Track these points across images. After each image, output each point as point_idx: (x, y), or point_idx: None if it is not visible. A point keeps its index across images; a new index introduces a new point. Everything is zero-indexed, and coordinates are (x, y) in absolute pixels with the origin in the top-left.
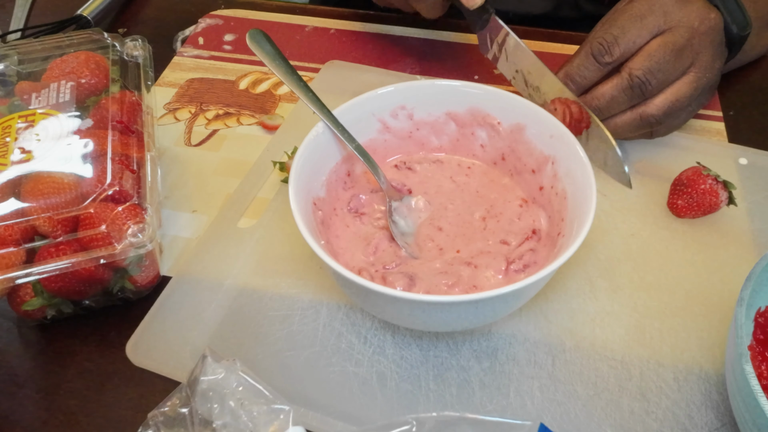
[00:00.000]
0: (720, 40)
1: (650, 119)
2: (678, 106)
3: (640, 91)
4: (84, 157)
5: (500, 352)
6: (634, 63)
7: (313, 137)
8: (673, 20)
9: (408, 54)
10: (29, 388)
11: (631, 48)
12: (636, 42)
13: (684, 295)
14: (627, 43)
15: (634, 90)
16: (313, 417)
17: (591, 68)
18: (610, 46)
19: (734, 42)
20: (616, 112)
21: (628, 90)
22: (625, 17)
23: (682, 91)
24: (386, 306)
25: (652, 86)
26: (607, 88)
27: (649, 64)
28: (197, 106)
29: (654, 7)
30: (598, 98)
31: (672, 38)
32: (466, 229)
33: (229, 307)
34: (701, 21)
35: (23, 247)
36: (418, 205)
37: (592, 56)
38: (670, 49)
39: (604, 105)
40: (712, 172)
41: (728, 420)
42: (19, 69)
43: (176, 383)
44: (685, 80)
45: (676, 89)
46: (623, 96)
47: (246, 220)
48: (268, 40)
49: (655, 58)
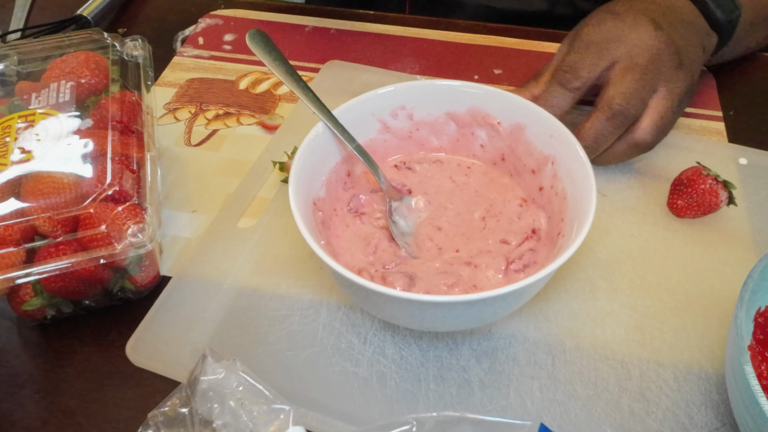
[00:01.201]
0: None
1: (642, 144)
2: (665, 122)
3: (623, 117)
4: (84, 157)
5: (500, 352)
6: (608, 94)
7: (313, 137)
8: (627, 44)
9: (408, 54)
10: (29, 388)
11: (594, 70)
12: (598, 65)
13: (684, 295)
14: (590, 66)
15: (617, 118)
16: (313, 417)
17: (560, 95)
18: (573, 72)
19: (722, 27)
20: (606, 145)
21: (611, 120)
22: (584, 43)
23: (662, 107)
24: (386, 306)
25: (633, 110)
26: (590, 124)
27: (622, 90)
28: (197, 106)
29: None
30: (585, 136)
31: (632, 62)
32: (466, 228)
33: (229, 307)
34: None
35: (23, 247)
36: (418, 205)
37: (560, 86)
38: (636, 72)
39: (592, 141)
40: (712, 172)
41: (728, 420)
42: (19, 69)
43: (176, 383)
44: (660, 96)
45: (655, 107)
46: (608, 127)
47: (246, 220)
48: (268, 40)
49: (625, 84)
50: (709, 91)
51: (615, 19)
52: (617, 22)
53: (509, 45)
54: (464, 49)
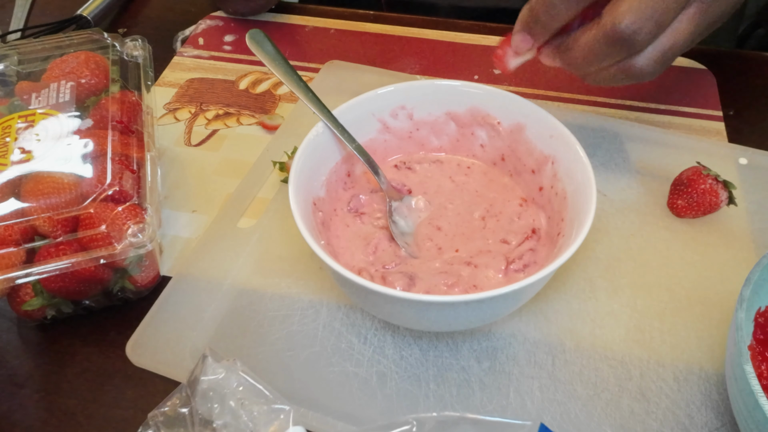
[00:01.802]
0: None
1: (640, 74)
2: (674, 53)
3: (627, 45)
4: (84, 157)
5: (500, 352)
6: (618, 10)
7: (313, 137)
8: None
9: (408, 54)
10: (29, 388)
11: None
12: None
13: (684, 295)
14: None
15: (620, 45)
16: (313, 417)
17: (562, 5)
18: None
19: None
20: (597, 68)
21: (612, 45)
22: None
23: (680, 34)
24: (386, 306)
25: (642, 38)
26: (585, 40)
27: (637, 12)
28: (197, 106)
29: None
30: (573, 53)
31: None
32: (466, 228)
33: (229, 307)
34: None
35: (23, 247)
36: (418, 205)
37: None
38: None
39: (580, 59)
40: (712, 172)
41: (728, 420)
42: (19, 69)
43: (176, 383)
44: (685, 18)
45: (672, 33)
46: (605, 50)
47: (246, 220)
48: (268, 40)
49: (644, 2)
50: (709, 91)
51: None
52: None
53: None
54: (464, 49)
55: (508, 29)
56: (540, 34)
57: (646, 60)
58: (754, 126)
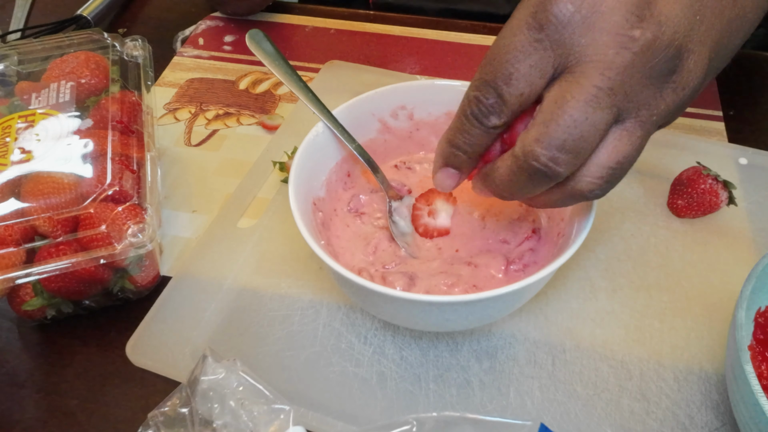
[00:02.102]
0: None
1: (585, 196)
2: (623, 167)
3: (545, 178)
4: (84, 157)
5: (500, 352)
6: (528, 137)
7: (313, 137)
8: (574, 53)
9: (408, 54)
10: (29, 388)
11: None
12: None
13: (684, 295)
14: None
15: (537, 176)
16: (313, 417)
17: (476, 133)
18: (492, 105)
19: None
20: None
21: (530, 177)
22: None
23: (622, 148)
24: (386, 306)
25: (562, 169)
26: (503, 171)
27: (547, 141)
28: (197, 106)
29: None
30: (495, 181)
31: (577, 86)
32: (466, 228)
33: (229, 307)
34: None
35: (23, 247)
36: None
37: (473, 118)
38: (579, 102)
39: (505, 192)
40: (712, 172)
41: (728, 420)
42: (19, 69)
43: (176, 383)
44: (620, 135)
45: (611, 149)
46: (527, 182)
47: (246, 220)
48: (268, 40)
49: (557, 126)
50: (709, 91)
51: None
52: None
53: None
54: (464, 49)
55: None
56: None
57: (587, 183)
58: (754, 126)
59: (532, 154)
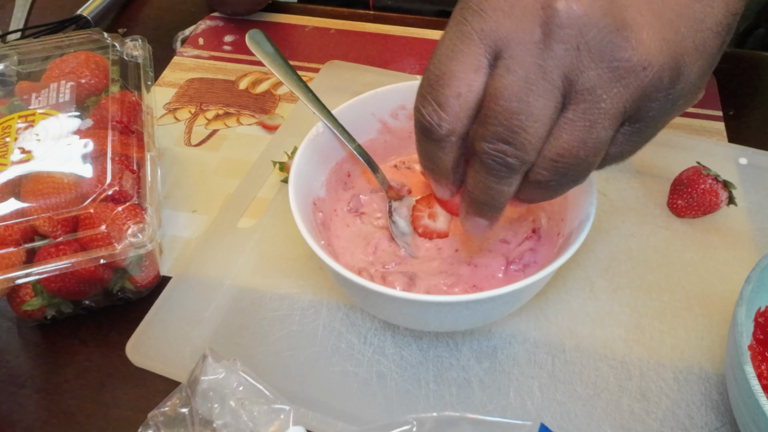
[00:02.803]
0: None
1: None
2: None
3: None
4: (84, 157)
5: (500, 352)
6: (476, 133)
7: (313, 137)
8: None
9: (408, 54)
10: (29, 388)
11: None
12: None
13: (684, 295)
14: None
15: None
16: (313, 417)
17: (432, 149)
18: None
19: None
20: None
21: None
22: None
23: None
24: (386, 306)
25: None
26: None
27: (492, 128)
28: (197, 106)
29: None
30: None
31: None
32: None
33: (229, 307)
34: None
35: (23, 247)
36: None
37: (422, 135)
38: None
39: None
40: (712, 171)
41: (728, 420)
42: (19, 69)
43: (176, 383)
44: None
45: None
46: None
47: (246, 220)
48: (268, 41)
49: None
50: (709, 91)
51: None
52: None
53: None
54: None
55: None
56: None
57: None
58: (754, 126)
59: (482, 151)
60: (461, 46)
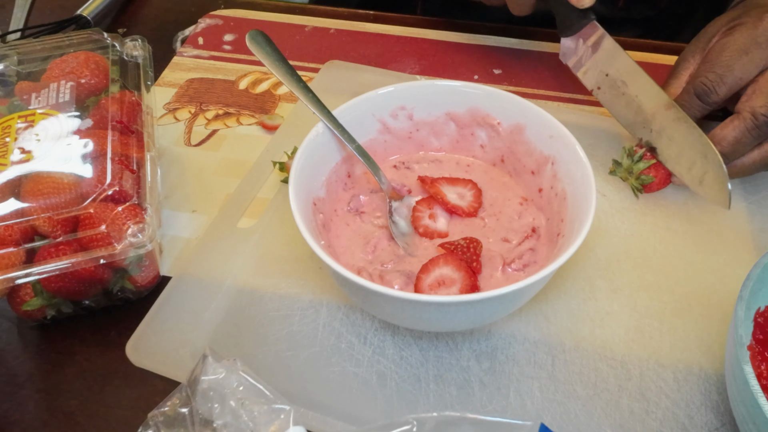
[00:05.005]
0: None
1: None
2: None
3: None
4: (84, 157)
5: (500, 352)
6: (756, 102)
7: (313, 137)
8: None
9: (408, 54)
10: (29, 388)
11: (737, 85)
12: (743, 78)
13: (684, 295)
14: (733, 81)
15: (761, 129)
16: (313, 417)
17: (695, 107)
18: (715, 86)
19: None
20: (743, 154)
21: (754, 130)
22: (727, 53)
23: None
24: (386, 306)
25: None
26: (730, 131)
27: None
28: (197, 106)
29: (758, 38)
30: (721, 143)
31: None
32: (465, 227)
33: (229, 307)
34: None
35: (23, 247)
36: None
37: (696, 96)
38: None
39: (728, 149)
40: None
41: (728, 420)
42: (19, 69)
43: (176, 383)
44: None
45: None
46: (748, 137)
47: (246, 220)
48: (268, 41)
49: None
50: None
51: (745, 26)
52: (749, 29)
53: (509, 45)
54: (464, 49)
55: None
56: None
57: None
58: None
59: (761, 111)
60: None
